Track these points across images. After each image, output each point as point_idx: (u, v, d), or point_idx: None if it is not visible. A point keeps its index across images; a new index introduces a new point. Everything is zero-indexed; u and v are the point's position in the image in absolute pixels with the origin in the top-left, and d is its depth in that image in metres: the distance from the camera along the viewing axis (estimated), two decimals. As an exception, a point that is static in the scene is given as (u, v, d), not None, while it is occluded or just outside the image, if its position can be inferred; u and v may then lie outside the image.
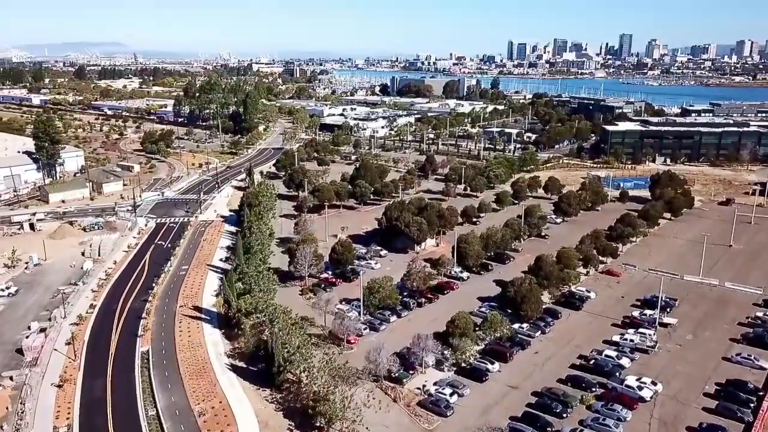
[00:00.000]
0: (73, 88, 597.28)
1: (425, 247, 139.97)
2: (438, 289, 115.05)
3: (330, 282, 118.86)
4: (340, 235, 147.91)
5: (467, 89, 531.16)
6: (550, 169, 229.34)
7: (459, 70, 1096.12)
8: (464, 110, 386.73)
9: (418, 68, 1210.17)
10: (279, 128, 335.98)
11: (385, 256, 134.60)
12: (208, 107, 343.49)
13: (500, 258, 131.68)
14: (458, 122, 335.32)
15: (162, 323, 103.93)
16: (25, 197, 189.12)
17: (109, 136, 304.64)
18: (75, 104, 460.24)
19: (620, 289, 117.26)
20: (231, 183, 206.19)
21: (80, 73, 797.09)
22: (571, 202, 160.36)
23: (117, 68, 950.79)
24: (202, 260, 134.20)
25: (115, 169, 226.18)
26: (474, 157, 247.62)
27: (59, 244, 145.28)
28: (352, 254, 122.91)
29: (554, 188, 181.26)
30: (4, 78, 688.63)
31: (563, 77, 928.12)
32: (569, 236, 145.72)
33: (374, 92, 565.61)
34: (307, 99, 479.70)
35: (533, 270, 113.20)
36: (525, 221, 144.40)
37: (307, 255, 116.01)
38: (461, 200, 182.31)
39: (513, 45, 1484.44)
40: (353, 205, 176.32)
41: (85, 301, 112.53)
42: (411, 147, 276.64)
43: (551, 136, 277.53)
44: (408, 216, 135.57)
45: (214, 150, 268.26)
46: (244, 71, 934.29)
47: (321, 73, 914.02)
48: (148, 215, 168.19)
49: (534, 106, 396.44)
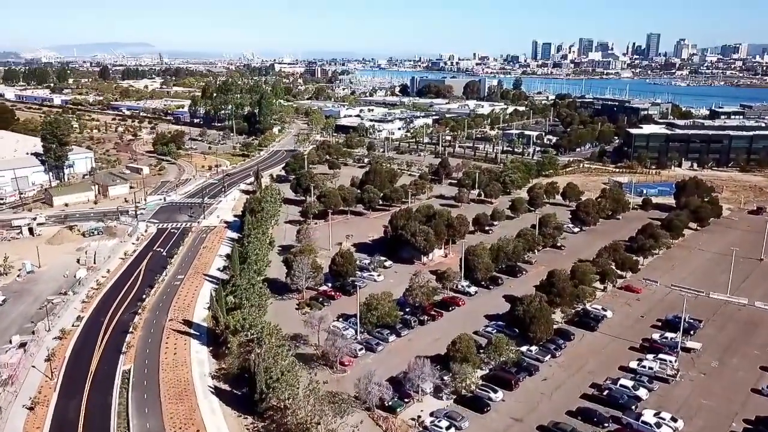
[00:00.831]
0: (95, 88, 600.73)
1: (433, 257, 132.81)
2: (443, 305, 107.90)
3: (328, 295, 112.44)
4: (344, 244, 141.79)
5: (488, 90, 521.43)
6: (570, 173, 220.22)
7: (482, 71, 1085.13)
8: (484, 111, 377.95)
9: (440, 68, 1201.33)
10: (295, 129, 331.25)
11: (389, 267, 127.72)
12: (224, 108, 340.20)
13: (512, 271, 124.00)
14: (477, 124, 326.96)
15: (148, 338, 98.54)
16: (30, 200, 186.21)
17: (122, 137, 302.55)
18: (95, 104, 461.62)
19: (640, 308, 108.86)
20: (239, 186, 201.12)
21: (104, 73, 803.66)
22: (590, 210, 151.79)
23: (140, 68, 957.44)
24: (199, 269, 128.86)
25: (125, 171, 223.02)
26: (491, 161, 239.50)
27: (56, 249, 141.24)
28: (353, 266, 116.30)
29: (572, 195, 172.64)
30: (30, 78, 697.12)
31: (588, 77, 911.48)
32: (587, 247, 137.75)
33: (394, 93, 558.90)
34: (325, 100, 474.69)
35: (545, 286, 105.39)
36: (539, 231, 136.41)
37: (305, 267, 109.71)
38: (475, 207, 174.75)
39: (537, 45, 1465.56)
40: (361, 210, 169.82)
41: (72, 313, 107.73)
42: (427, 149, 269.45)
43: (572, 139, 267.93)
44: (414, 225, 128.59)
45: (225, 152, 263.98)
46: (265, 71, 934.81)
47: (342, 73, 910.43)
48: (151, 220, 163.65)
49: (556, 108, 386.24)
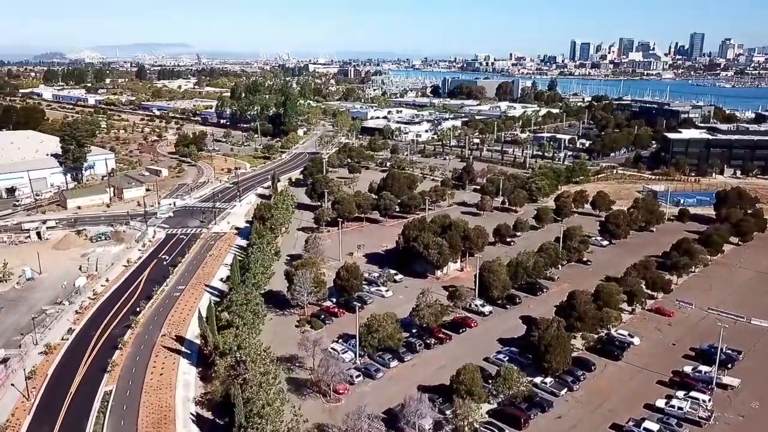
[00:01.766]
0: (130, 88, 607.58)
1: (447, 271, 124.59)
2: (453, 326, 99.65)
3: (331, 312, 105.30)
4: (355, 254, 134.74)
5: (521, 91, 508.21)
6: (603, 180, 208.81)
7: (517, 71, 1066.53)
8: (516, 113, 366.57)
9: (475, 69, 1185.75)
10: (321, 131, 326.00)
11: (400, 282, 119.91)
12: (250, 109, 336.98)
13: (531, 288, 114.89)
14: (507, 126, 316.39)
15: (137, 356, 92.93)
16: (45, 202, 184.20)
17: (147, 137, 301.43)
18: (127, 104, 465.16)
19: (671, 334, 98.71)
20: (256, 190, 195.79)
21: (140, 73, 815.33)
22: (620, 222, 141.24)
23: (176, 69, 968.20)
24: (201, 279, 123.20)
25: (143, 173, 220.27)
26: (519, 166, 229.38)
27: (61, 255, 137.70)
28: (359, 280, 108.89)
29: (603, 204, 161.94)
30: (68, 78, 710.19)
31: (627, 78, 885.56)
32: (615, 262, 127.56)
33: (425, 94, 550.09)
34: (354, 101, 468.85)
35: (564, 308, 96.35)
36: (564, 244, 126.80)
37: (306, 281, 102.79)
38: (498, 215, 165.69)
39: (576, 45, 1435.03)
40: (378, 218, 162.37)
41: (64, 325, 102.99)
42: (453, 153, 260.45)
43: (606, 143, 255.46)
44: (428, 236, 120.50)
45: (247, 154, 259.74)
46: (298, 71, 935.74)
47: (375, 73, 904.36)
48: (161, 225, 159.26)
49: (591, 110, 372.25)
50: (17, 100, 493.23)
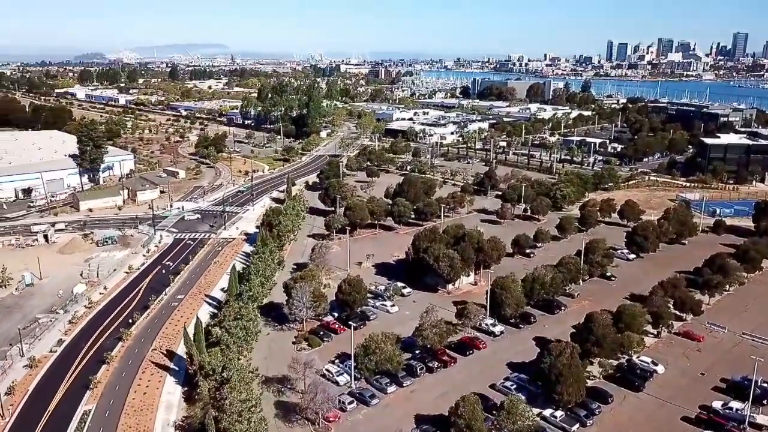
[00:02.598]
0: (161, 88, 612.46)
1: (459, 285, 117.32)
2: (459, 348, 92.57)
3: (331, 329, 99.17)
4: (363, 264, 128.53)
5: (553, 92, 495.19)
6: (633, 187, 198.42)
7: (551, 72, 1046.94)
8: (546, 116, 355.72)
9: (508, 70, 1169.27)
10: (345, 133, 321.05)
11: (408, 296, 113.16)
12: (274, 110, 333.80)
13: (548, 306, 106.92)
14: (536, 129, 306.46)
15: (123, 372, 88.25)
16: (60, 203, 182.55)
17: (169, 138, 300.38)
18: (156, 105, 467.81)
19: (700, 362, 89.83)
20: (271, 194, 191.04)
21: (173, 73, 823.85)
22: (648, 234, 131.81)
23: (208, 69, 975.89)
24: (202, 288, 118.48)
25: (161, 175, 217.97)
26: (546, 171, 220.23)
27: (65, 260, 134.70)
28: (362, 294, 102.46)
29: (631, 214, 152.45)
30: (103, 78, 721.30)
31: (665, 79, 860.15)
32: (642, 278, 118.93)
33: (454, 95, 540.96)
34: (382, 102, 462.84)
35: (581, 332, 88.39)
36: (586, 258, 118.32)
37: (305, 295, 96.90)
38: (519, 224, 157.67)
39: (612, 45, 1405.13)
40: (392, 225, 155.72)
41: (55, 336, 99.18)
42: (477, 156, 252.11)
43: (639, 147, 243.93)
44: (439, 247, 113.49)
45: (267, 156, 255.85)
46: (329, 72, 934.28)
47: (406, 74, 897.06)
48: (170, 229, 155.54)
49: (625, 113, 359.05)
50: (51, 100, 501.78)
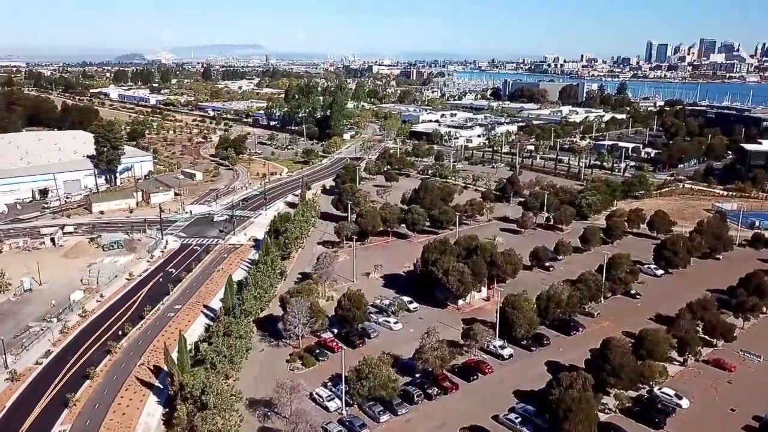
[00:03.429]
0: (192, 88, 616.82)
1: (471, 301, 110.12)
2: (463, 372, 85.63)
3: (328, 346, 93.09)
4: (372, 275, 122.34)
5: (586, 94, 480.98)
6: (666, 196, 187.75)
7: (587, 73, 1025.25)
8: (577, 119, 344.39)
9: (543, 71, 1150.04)
10: (369, 135, 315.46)
11: (414, 311, 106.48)
12: (299, 111, 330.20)
13: (565, 326, 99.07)
14: (566, 132, 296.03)
15: (105, 389, 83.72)
16: (73, 205, 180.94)
17: (191, 139, 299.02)
18: (185, 105, 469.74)
19: (730, 396, 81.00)
20: (286, 198, 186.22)
21: (206, 74, 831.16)
22: (679, 248, 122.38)
23: (241, 70, 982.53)
24: (201, 298, 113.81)
25: (178, 176, 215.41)
26: (573, 177, 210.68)
27: (69, 264, 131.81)
28: (363, 310, 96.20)
29: (661, 225, 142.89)
30: (137, 78, 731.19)
31: (706, 82, 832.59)
32: (670, 297, 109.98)
33: (484, 96, 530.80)
34: (409, 103, 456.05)
35: (596, 359, 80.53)
36: (608, 274, 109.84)
37: (301, 310, 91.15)
38: (541, 234, 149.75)
39: (652, 46, 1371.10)
40: (407, 233, 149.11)
41: (44, 346, 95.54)
42: (503, 160, 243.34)
43: (673, 153, 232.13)
44: (448, 261, 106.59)
45: (287, 158, 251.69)
46: (361, 73, 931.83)
47: (437, 75, 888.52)
48: (179, 233, 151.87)
49: (661, 116, 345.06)
50: (84, 100, 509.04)
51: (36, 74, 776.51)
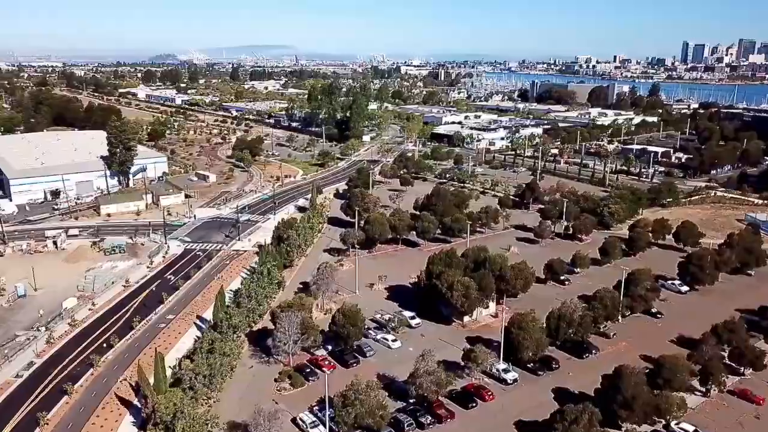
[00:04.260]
0: (218, 88, 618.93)
1: (478, 317, 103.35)
2: (462, 398, 79.10)
3: (320, 365, 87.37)
4: (376, 286, 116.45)
5: (617, 96, 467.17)
6: (696, 204, 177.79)
7: (620, 74, 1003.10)
8: (606, 121, 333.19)
9: (574, 72, 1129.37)
10: (390, 136, 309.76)
11: (416, 328, 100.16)
12: (320, 112, 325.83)
13: (576, 348, 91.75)
14: (593, 135, 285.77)
15: (82, 407, 79.27)
16: (84, 207, 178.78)
17: (210, 140, 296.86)
18: (210, 105, 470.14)
19: (758, 433, 73.17)
20: (297, 202, 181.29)
21: (234, 74, 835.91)
22: (706, 263, 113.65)
23: (272, 70, 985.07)
24: (196, 308, 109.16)
25: (191, 178, 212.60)
26: (598, 183, 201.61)
27: (68, 269, 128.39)
28: (359, 327, 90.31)
29: (688, 237, 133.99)
30: (165, 79, 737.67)
31: (745, 83, 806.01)
32: (694, 316, 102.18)
33: (511, 97, 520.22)
34: (433, 105, 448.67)
35: (606, 390, 73.27)
36: (627, 291, 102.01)
37: (292, 326, 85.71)
38: (559, 244, 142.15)
39: (688, 46, 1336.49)
40: (417, 240, 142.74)
41: (28, 357, 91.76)
42: (526, 164, 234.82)
43: (705, 158, 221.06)
44: (453, 274, 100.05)
45: (304, 160, 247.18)
46: (389, 74, 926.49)
47: (466, 76, 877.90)
48: (184, 238, 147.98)
49: (695, 119, 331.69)
50: (112, 99, 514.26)
51: (68, 74, 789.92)
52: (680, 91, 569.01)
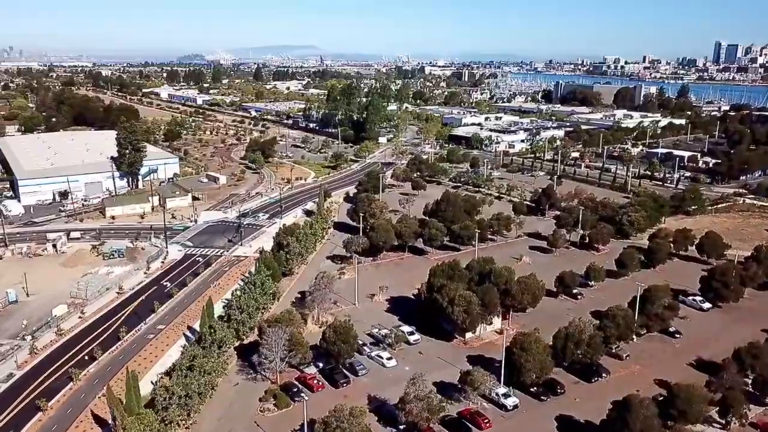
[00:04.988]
0: (240, 88, 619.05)
1: (481, 333, 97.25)
2: (456, 425, 73.21)
3: (308, 384, 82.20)
4: (377, 297, 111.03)
5: (644, 98, 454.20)
6: (723, 212, 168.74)
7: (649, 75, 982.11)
8: (631, 124, 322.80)
9: (602, 72, 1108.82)
10: (407, 138, 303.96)
11: (415, 344, 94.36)
12: (336, 113, 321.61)
13: (585, 371, 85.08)
14: (616, 138, 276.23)
15: (54, 425, 75.24)
16: (91, 208, 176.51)
17: (225, 140, 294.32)
18: (230, 105, 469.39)
19: (783, 474, 65.98)
20: (305, 205, 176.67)
21: (258, 74, 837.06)
22: (731, 278, 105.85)
23: (293, 70, 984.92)
24: (188, 318, 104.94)
25: (202, 180, 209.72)
26: (619, 188, 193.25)
27: (65, 274, 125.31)
28: (351, 344, 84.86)
29: (712, 248, 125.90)
30: (189, 79, 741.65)
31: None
32: (716, 337, 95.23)
33: (535, 98, 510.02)
34: (454, 105, 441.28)
35: (613, 421, 66.76)
36: (642, 308, 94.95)
37: (279, 342, 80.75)
38: (574, 254, 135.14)
39: (721, 46, 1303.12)
40: (425, 248, 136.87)
41: (8, 368, 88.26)
42: (545, 168, 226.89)
43: (734, 163, 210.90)
44: (455, 288, 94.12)
45: (317, 162, 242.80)
46: (412, 74, 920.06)
47: (490, 76, 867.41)
48: (186, 242, 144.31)
49: (724, 122, 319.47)
50: (134, 99, 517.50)
51: (95, 74, 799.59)
52: (711, 93, 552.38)
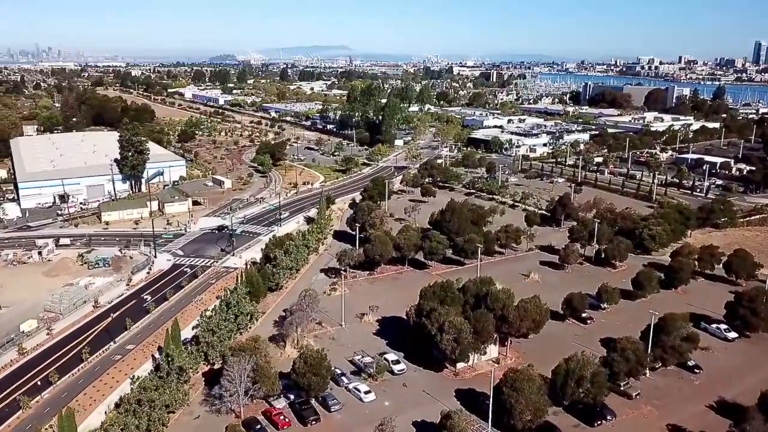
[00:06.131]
0: (264, 89, 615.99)
1: (474, 363, 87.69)
2: (432, 477, 64.18)
3: (273, 420, 73.84)
4: (366, 318, 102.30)
5: (676, 100, 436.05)
6: (756, 225, 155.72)
7: (684, 76, 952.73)
8: (661, 127, 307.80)
9: (635, 73, 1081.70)
10: (426, 141, 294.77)
11: (400, 374, 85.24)
12: (353, 114, 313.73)
13: (588, 412, 74.96)
14: (644, 143, 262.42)
15: (-9, 461, 68.69)
16: (89, 213, 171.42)
17: (237, 142, 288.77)
18: (251, 105, 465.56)
19: None
20: (308, 212, 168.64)
21: (283, 74, 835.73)
22: (759, 305, 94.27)
23: (319, 71, 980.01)
24: (159, 337, 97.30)
25: (207, 183, 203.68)
26: (643, 198, 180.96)
27: (46, 284, 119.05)
28: (323, 375, 76.16)
29: (742, 268, 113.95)
30: (214, 79, 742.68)
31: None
32: (741, 374, 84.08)
33: (562, 100, 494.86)
34: (477, 107, 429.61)
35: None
36: (656, 339, 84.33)
37: (242, 373, 72.63)
38: (588, 271, 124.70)
39: (761, 46, 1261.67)
40: (426, 261, 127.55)
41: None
42: (566, 174, 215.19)
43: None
44: (445, 313, 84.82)
45: (327, 165, 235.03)
46: (439, 74, 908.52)
47: (518, 77, 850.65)
48: (177, 251, 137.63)
49: (761, 125, 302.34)
50: (159, 99, 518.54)
51: (124, 74, 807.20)
52: (749, 95, 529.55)
